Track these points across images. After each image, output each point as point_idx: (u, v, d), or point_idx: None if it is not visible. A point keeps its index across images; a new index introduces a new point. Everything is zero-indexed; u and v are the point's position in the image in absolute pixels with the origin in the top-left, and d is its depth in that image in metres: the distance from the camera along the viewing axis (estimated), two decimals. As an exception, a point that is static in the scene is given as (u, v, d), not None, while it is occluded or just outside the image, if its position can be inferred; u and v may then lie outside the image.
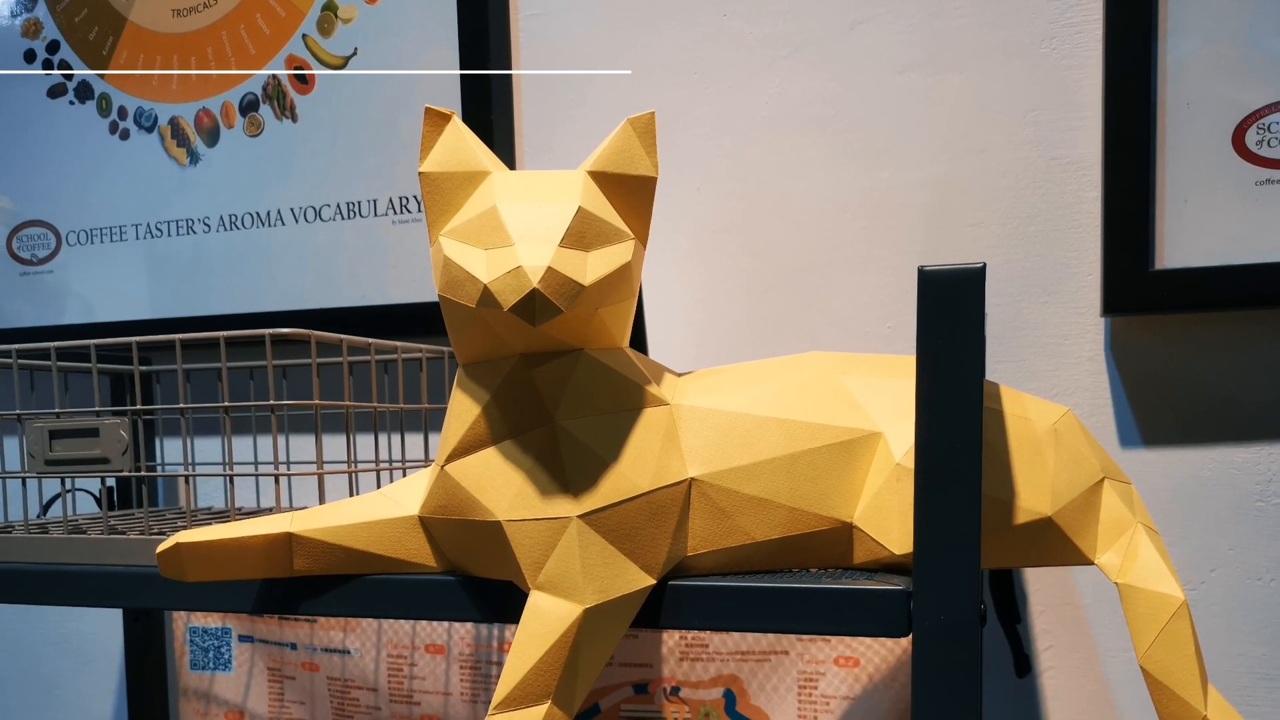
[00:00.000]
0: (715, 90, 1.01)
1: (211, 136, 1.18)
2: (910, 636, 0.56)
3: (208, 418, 1.23)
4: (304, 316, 1.15)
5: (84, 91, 1.23)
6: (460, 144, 0.62)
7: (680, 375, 0.68)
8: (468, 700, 1.10)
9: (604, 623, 0.60)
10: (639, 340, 0.90)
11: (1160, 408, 0.91)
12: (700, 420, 0.63)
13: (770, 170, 1.00)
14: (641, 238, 0.64)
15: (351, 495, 0.76)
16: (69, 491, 0.89)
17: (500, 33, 1.05)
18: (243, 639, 1.19)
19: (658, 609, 0.62)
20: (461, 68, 1.06)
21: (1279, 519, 0.89)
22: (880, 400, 0.65)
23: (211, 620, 1.20)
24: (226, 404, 0.74)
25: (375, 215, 1.12)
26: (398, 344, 0.85)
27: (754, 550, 0.63)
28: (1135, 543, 0.63)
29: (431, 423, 1.11)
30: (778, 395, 0.65)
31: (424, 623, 1.11)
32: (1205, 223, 0.87)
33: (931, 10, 0.94)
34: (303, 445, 1.19)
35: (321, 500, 0.74)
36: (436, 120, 0.63)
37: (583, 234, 0.59)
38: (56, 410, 0.80)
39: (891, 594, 0.57)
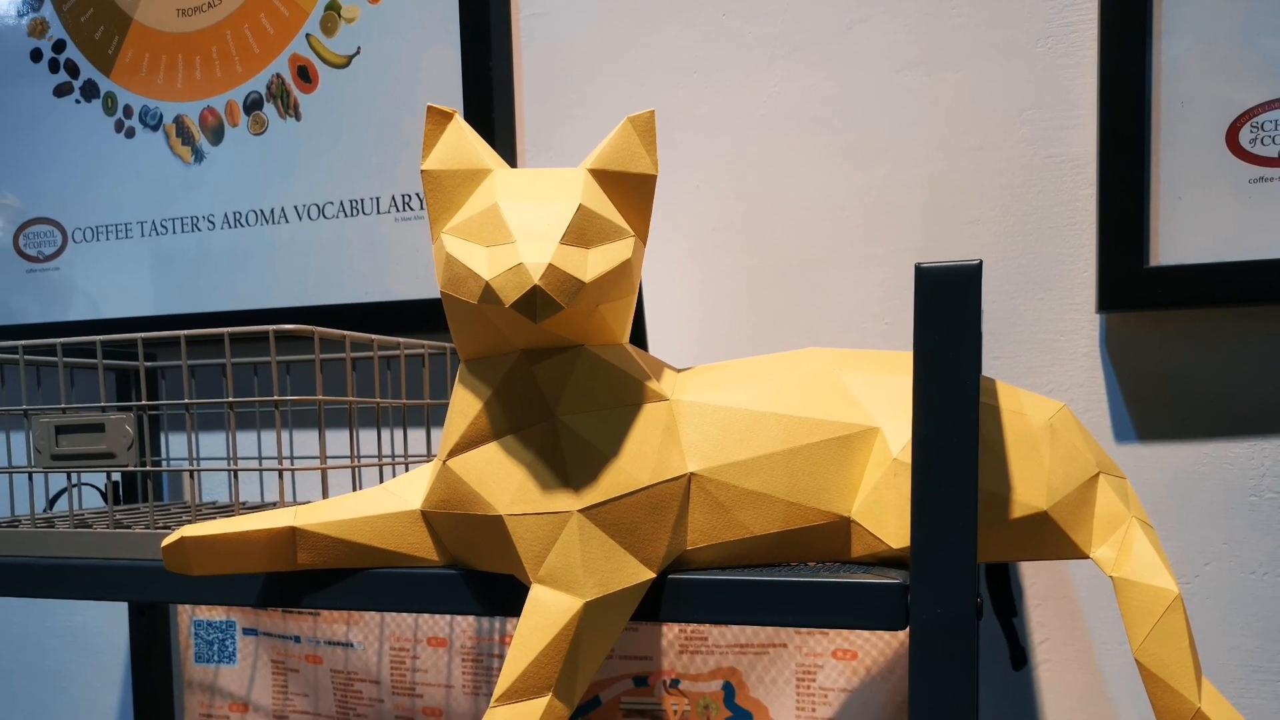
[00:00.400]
0: (714, 89, 1.01)
1: (216, 135, 1.18)
2: (907, 630, 0.56)
3: (212, 413, 1.23)
4: (307, 313, 1.15)
5: (90, 90, 1.23)
6: (462, 142, 0.62)
7: (680, 371, 0.68)
8: (469, 693, 1.10)
9: (604, 616, 0.60)
10: (639, 337, 0.90)
11: (1155, 403, 0.91)
12: (700, 416, 0.63)
13: (769, 168, 1.00)
14: (642, 235, 0.64)
15: (354, 490, 0.76)
16: (75, 486, 0.89)
17: (502, 32, 1.05)
18: (247, 632, 1.19)
19: (657, 602, 0.62)
20: (463, 67, 1.06)
21: (1272, 513, 0.89)
22: (878, 396, 0.64)
23: (216, 613, 1.20)
24: (231, 399, 0.74)
25: (378, 213, 1.12)
26: (400, 340, 0.85)
27: (753, 544, 0.63)
28: (1130, 537, 0.63)
29: (433, 418, 1.11)
30: (776, 391, 0.64)
31: (426, 616, 1.11)
32: (1199, 220, 0.87)
33: (929, 10, 0.94)
34: (306, 440, 1.19)
35: (325, 495, 0.74)
36: (439, 118, 0.63)
37: (583, 231, 0.58)
38: (62, 406, 0.80)
39: (889, 588, 0.57)
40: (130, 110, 1.21)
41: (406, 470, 0.95)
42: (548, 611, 0.59)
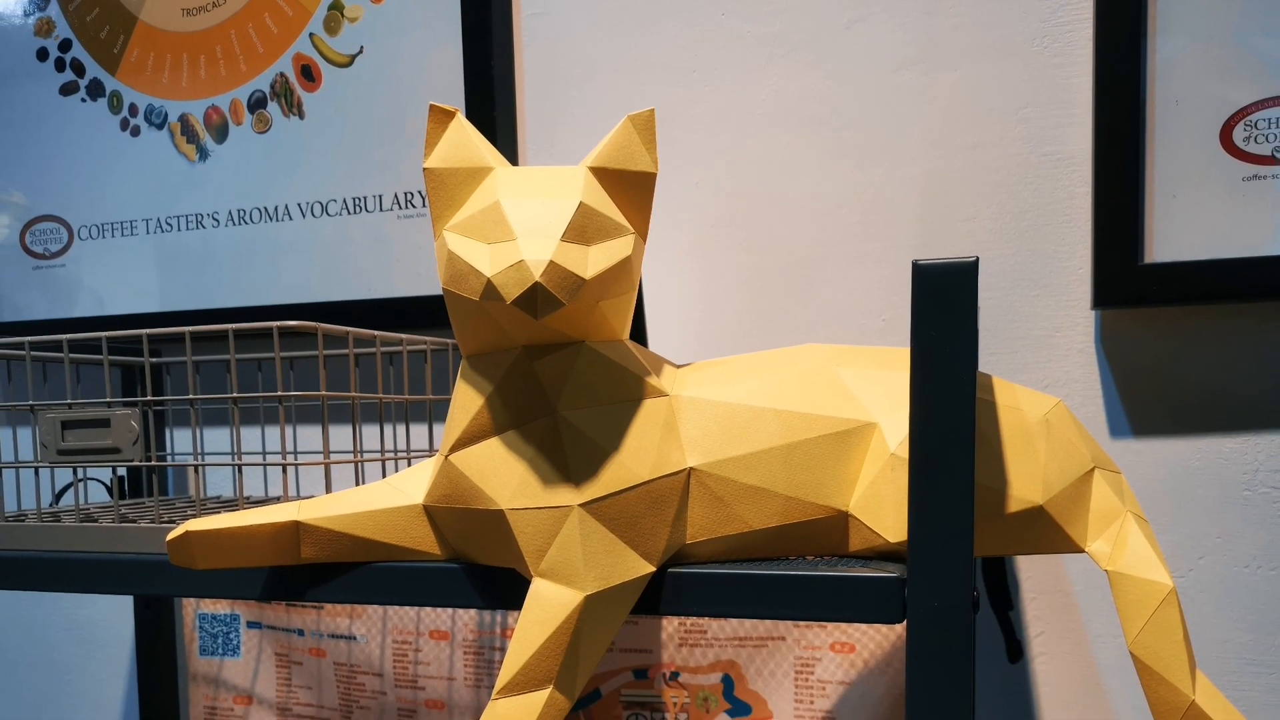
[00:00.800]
0: (714, 88, 1.01)
1: (220, 133, 1.18)
2: (905, 623, 0.56)
3: (217, 408, 1.23)
4: (311, 309, 1.15)
5: (95, 89, 1.23)
6: (464, 140, 0.62)
7: (680, 367, 0.68)
8: (471, 685, 1.10)
9: (605, 609, 0.60)
10: (639, 333, 0.90)
11: (1149, 399, 0.91)
12: (699, 411, 0.63)
13: (768, 166, 1.00)
14: (641, 232, 0.64)
15: (357, 484, 0.76)
16: (81, 481, 0.89)
17: (503, 31, 1.05)
18: (251, 625, 1.19)
19: (657, 596, 0.62)
20: (465, 66, 1.06)
21: (1266, 507, 0.89)
22: (875, 391, 0.64)
23: (220, 607, 1.20)
24: (235, 395, 0.74)
25: (381, 210, 1.12)
26: (402, 336, 0.85)
27: (752, 538, 0.63)
28: (1125, 531, 0.63)
29: (436, 413, 1.11)
30: (775, 386, 0.64)
31: (428, 609, 1.11)
32: (1193, 217, 0.87)
33: (926, 9, 0.94)
34: (309, 435, 1.19)
35: (328, 489, 0.74)
36: (441, 117, 0.63)
37: (584, 228, 0.58)
38: (68, 401, 0.80)
39: (886, 581, 0.57)
40: (135, 109, 1.21)
41: (409, 465, 0.95)
42: (549, 605, 0.59)
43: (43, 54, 1.25)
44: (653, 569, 0.61)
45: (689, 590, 0.61)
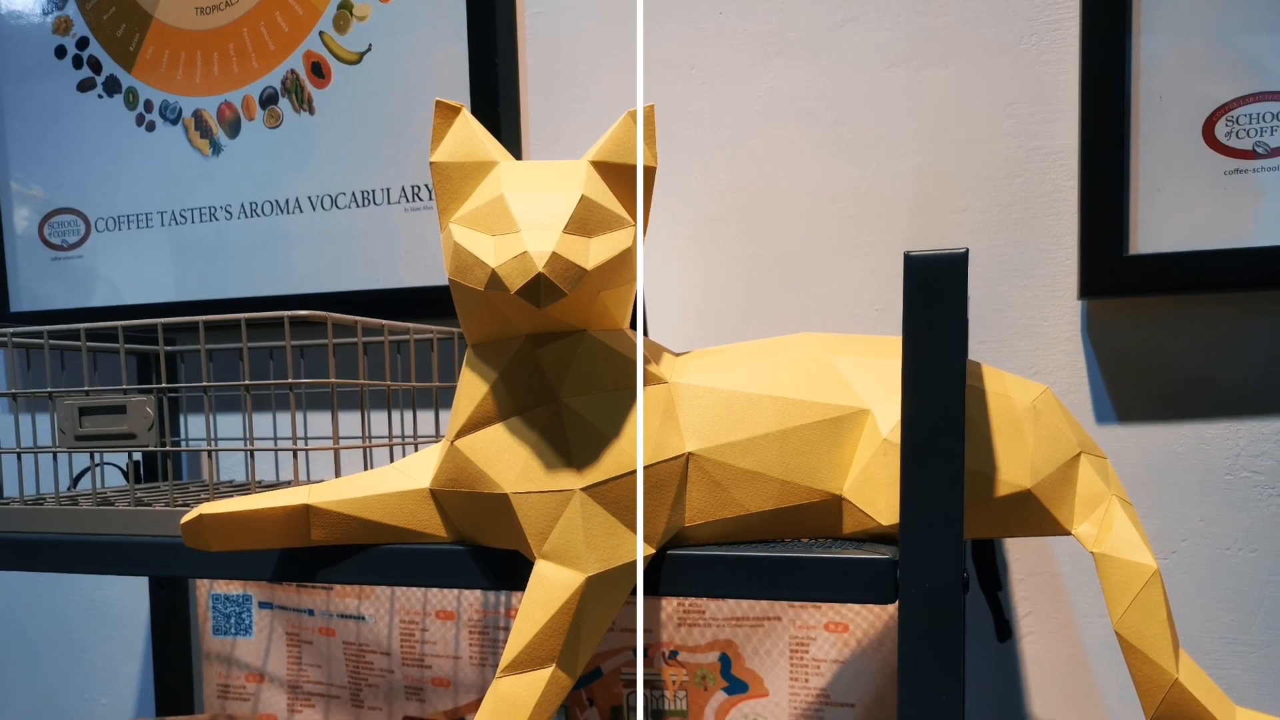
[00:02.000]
0: (712, 85, 1.00)
1: (233, 128, 1.18)
2: (897, 603, 0.56)
3: (229, 395, 1.23)
4: (321, 299, 1.15)
5: (112, 85, 1.22)
6: (469, 135, 0.62)
7: (679, 355, 0.68)
8: (476, 664, 1.10)
9: (606, 590, 0.59)
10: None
11: (1134, 386, 0.91)
12: (697, 398, 0.63)
13: (764, 161, 0.99)
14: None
15: (366, 469, 0.75)
16: (98, 465, 0.89)
17: (507, 30, 1.05)
18: (263, 605, 1.19)
19: (657, 577, 0.62)
20: (470, 63, 1.05)
21: (1247, 491, 0.89)
22: (868, 378, 0.64)
23: (233, 588, 1.20)
24: (247, 382, 0.74)
25: (389, 203, 1.12)
26: (410, 325, 0.85)
27: (748, 521, 0.63)
28: (1110, 514, 0.63)
29: (442, 400, 1.11)
30: (771, 374, 0.64)
31: (435, 590, 1.11)
32: (1177, 210, 0.86)
33: (917, 8, 0.93)
34: (319, 422, 1.19)
35: (337, 474, 0.74)
36: (447, 113, 0.63)
37: (585, 221, 0.58)
38: (86, 388, 0.80)
39: (879, 563, 0.57)
40: (150, 105, 1.21)
41: (416, 450, 0.95)
42: (551, 586, 0.59)
43: (61, 51, 1.24)
44: (652, 551, 0.61)
45: (687, 572, 0.61)
